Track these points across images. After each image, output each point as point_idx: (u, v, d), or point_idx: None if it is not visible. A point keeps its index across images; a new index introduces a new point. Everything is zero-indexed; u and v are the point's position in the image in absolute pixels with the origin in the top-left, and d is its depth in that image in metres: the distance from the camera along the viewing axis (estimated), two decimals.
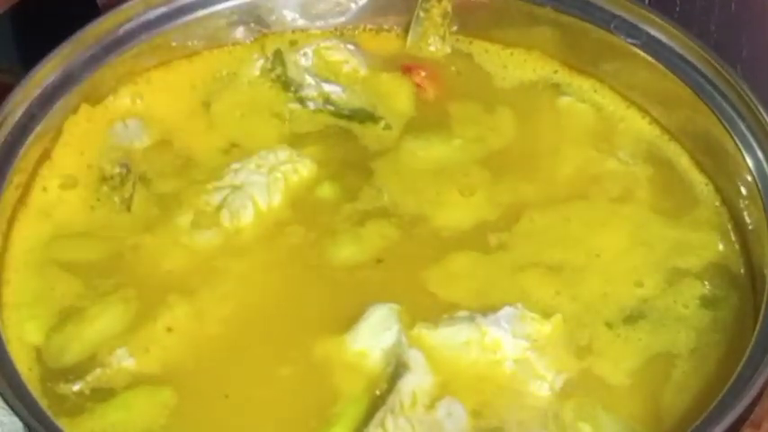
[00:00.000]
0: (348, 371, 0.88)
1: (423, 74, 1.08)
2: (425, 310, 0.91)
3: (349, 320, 0.90)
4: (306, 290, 0.94)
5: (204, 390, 0.88)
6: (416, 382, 0.86)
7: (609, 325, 0.91)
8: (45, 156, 0.99)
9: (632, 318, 0.92)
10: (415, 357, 0.87)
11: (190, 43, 1.07)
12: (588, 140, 1.04)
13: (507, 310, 0.90)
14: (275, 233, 0.97)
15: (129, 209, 0.98)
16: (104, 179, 0.99)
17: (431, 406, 0.86)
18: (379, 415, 0.84)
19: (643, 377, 0.89)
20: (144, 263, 0.95)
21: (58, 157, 1.00)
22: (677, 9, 1.12)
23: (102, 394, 0.87)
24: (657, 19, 1.02)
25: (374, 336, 0.89)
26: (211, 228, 0.97)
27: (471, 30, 1.09)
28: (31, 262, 0.94)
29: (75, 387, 0.87)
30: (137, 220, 0.97)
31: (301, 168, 1.00)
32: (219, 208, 0.97)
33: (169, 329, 0.91)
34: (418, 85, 1.07)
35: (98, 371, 0.88)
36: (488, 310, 0.90)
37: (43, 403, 0.84)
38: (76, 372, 0.88)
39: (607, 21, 1.04)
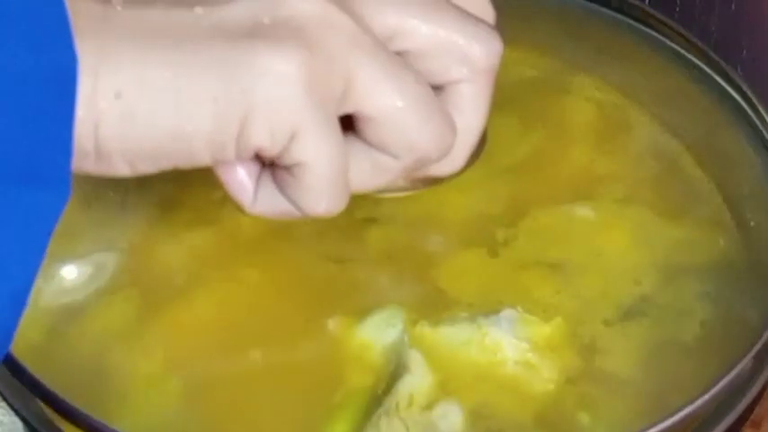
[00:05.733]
0: (351, 361, 0.89)
1: None
2: (432, 305, 0.92)
3: (356, 314, 0.91)
4: (311, 283, 0.94)
5: (212, 380, 0.88)
6: (415, 383, 0.87)
7: (606, 323, 0.91)
8: None
9: (630, 315, 0.92)
10: (415, 358, 0.88)
11: None
12: (590, 139, 1.04)
13: (508, 311, 0.90)
14: (277, 228, 0.97)
15: (126, 207, 0.98)
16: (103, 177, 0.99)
17: (427, 407, 0.86)
18: (374, 417, 0.85)
19: (643, 374, 0.89)
20: (145, 262, 0.95)
21: None
22: (677, 9, 1.12)
23: (115, 398, 0.87)
24: (657, 19, 1.02)
25: (378, 330, 0.90)
26: (213, 224, 0.97)
27: None
28: None
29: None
30: (136, 219, 0.97)
31: None
32: (221, 205, 0.97)
33: (175, 325, 0.91)
34: None
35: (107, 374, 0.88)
36: (491, 307, 0.91)
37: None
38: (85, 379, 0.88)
39: (608, 20, 1.04)
